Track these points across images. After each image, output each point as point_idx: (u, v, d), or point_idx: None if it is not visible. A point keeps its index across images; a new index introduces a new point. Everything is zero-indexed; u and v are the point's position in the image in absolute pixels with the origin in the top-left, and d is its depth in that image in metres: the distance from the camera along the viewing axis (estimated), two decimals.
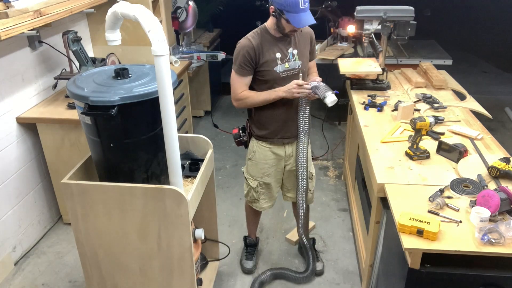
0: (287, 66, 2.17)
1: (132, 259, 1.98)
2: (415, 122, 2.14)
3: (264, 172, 2.37)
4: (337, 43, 4.35)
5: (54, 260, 2.76)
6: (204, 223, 2.44)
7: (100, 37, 3.49)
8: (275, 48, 2.13)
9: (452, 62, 3.95)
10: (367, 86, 3.08)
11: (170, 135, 1.71)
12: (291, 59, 2.17)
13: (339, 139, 4.26)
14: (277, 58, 2.14)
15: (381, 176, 2.03)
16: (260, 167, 2.36)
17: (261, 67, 2.13)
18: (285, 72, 2.17)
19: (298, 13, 1.97)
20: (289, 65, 2.17)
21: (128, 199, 1.83)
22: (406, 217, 1.66)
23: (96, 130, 1.81)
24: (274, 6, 2.04)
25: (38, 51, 2.85)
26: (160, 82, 1.60)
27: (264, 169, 2.36)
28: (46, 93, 2.96)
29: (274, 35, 2.13)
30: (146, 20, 1.57)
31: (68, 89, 1.78)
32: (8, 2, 2.24)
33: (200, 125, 4.70)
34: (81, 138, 2.70)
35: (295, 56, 2.18)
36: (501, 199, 1.69)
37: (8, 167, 2.63)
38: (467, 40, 6.63)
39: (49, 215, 3.05)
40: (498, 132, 4.30)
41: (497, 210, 1.68)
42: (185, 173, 2.18)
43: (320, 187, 3.51)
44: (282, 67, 2.16)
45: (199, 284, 2.25)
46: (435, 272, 1.63)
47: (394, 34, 2.99)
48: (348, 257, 2.77)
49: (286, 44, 2.16)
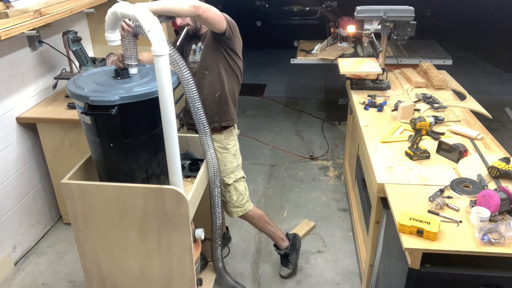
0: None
1: (132, 259, 1.98)
2: (415, 122, 2.14)
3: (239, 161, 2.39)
4: (337, 43, 4.35)
5: (54, 260, 2.76)
6: (204, 223, 2.44)
7: (100, 37, 3.49)
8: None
9: (452, 62, 3.95)
10: (367, 86, 3.08)
11: (170, 135, 1.71)
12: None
13: (339, 139, 4.27)
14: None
15: (381, 176, 2.03)
16: (238, 157, 2.36)
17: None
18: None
19: None
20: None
21: (128, 199, 1.83)
22: (406, 217, 1.66)
23: (96, 130, 1.81)
24: None
25: (38, 51, 2.85)
26: (160, 82, 1.60)
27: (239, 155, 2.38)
28: (46, 93, 2.96)
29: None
30: (146, 20, 1.57)
31: (68, 89, 1.78)
32: (8, 2, 2.24)
33: None
34: (81, 138, 2.70)
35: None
36: (501, 199, 1.68)
37: (8, 167, 2.63)
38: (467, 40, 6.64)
39: (49, 215, 3.05)
40: (498, 132, 4.30)
41: (497, 210, 1.68)
42: (185, 173, 2.18)
43: (320, 187, 3.51)
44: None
45: (199, 284, 2.25)
46: (435, 272, 1.63)
47: (394, 34, 2.99)
48: (348, 257, 2.77)
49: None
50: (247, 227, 3.01)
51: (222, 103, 2.19)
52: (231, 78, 2.19)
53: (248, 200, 2.40)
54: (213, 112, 2.20)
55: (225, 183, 2.31)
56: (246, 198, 2.38)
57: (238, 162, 2.34)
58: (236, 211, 2.39)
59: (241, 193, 2.35)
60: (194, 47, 2.21)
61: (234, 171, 2.32)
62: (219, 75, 2.14)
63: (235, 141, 2.33)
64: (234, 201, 2.35)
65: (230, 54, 2.13)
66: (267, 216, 2.50)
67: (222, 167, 2.28)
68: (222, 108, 2.20)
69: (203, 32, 2.18)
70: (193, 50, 2.21)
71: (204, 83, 2.16)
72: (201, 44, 2.18)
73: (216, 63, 2.13)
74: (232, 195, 2.34)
